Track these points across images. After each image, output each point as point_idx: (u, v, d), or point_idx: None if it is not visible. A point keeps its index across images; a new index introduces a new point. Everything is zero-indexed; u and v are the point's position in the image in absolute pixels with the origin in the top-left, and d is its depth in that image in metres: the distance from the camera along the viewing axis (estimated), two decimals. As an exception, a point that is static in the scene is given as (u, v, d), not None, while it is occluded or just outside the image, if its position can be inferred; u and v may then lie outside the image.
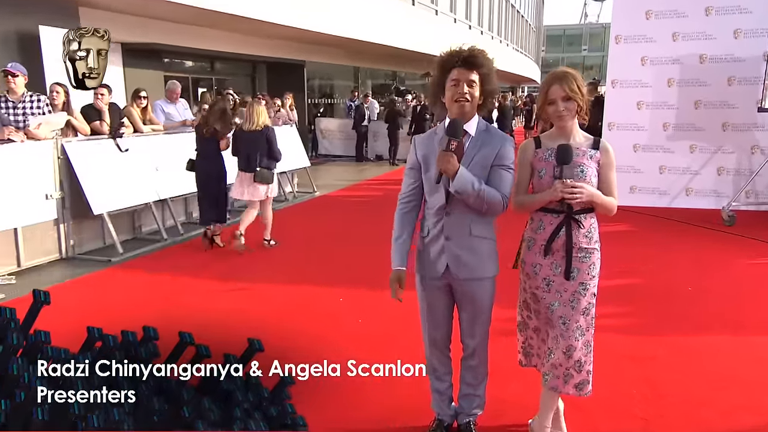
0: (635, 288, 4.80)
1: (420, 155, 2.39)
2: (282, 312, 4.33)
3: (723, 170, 7.34)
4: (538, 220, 2.48)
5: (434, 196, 2.37)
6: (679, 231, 6.77)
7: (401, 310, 4.12)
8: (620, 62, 7.54)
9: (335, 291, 4.74)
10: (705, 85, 7.23)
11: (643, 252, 5.91)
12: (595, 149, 2.45)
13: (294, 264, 5.59)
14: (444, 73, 2.32)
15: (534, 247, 2.49)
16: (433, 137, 2.40)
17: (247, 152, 5.90)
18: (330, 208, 8.31)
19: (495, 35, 28.88)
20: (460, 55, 2.28)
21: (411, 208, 2.43)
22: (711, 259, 5.61)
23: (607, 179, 2.46)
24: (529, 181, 2.54)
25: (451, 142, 2.21)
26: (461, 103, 2.28)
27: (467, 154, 2.31)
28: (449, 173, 2.23)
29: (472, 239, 2.35)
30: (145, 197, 6.49)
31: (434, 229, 2.38)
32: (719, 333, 3.85)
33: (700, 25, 7.16)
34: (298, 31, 11.62)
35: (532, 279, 2.50)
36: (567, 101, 2.38)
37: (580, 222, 2.41)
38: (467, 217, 2.33)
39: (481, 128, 2.37)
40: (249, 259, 5.78)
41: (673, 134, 7.45)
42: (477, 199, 2.25)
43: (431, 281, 2.43)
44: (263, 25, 10.60)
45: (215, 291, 4.80)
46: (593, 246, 2.46)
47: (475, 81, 2.28)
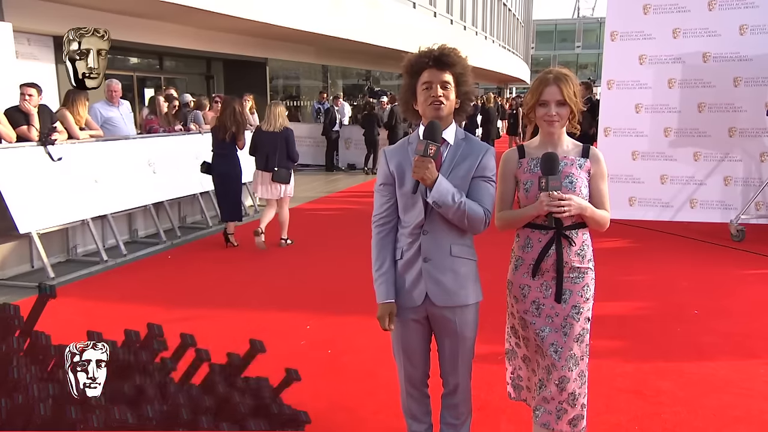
0: (634, 311, 4.86)
1: (393, 167, 2.38)
2: (239, 344, 4.27)
3: (730, 180, 7.49)
4: (525, 237, 2.50)
5: (410, 213, 2.35)
6: (683, 247, 6.90)
7: (375, 339, 4.12)
8: (616, 61, 7.68)
9: (302, 317, 4.72)
10: (709, 86, 7.39)
11: (643, 271, 6.00)
12: (584, 157, 2.49)
13: (255, 286, 5.56)
14: (414, 77, 2.33)
15: (521, 267, 2.51)
16: (405, 147, 2.40)
17: (266, 152, 6.76)
18: (297, 223, 8.27)
19: (480, 31, 29.34)
20: (430, 55, 2.29)
21: (389, 230, 2.41)
22: (719, 279, 5.72)
23: (598, 190, 2.49)
24: (514, 194, 2.56)
25: (429, 147, 2.20)
26: (436, 105, 2.29)
27: (445, 165, 2.32)
28: (427, 182, 2.21)
29: (454, 260, 2.34)
30: (82, 213, 6.39)
31: (410, 251, 2.36)
32: (729, 361, 3.91)
33: (702, 21, 7.34)
34: (259, 24, 11.65)
35: (520, 302, 2.51)
36: (561, 106, 2.41)
37: (570, 239, 2.43)
38: (447, 235, 2.33)
39: (459, 136, 2.38)
40: (204, 282, 5.73)
41: (675, 140, 7.60)
42: (458, 212, 2.24)
43: (407, 312, 2.39)
44: (219, 17, 10.60)
45: (163, 321, 4.71)
46: (586, 265, 2.48)
47: (449, 82, 2.29)
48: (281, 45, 15.17)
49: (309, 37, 14.04)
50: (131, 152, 7.18)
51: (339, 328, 4.52)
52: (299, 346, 4.20)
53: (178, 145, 8.00)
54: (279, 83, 18.23)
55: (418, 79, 2.32)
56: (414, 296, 2.36)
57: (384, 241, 2.40)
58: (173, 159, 7.79)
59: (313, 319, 4.70)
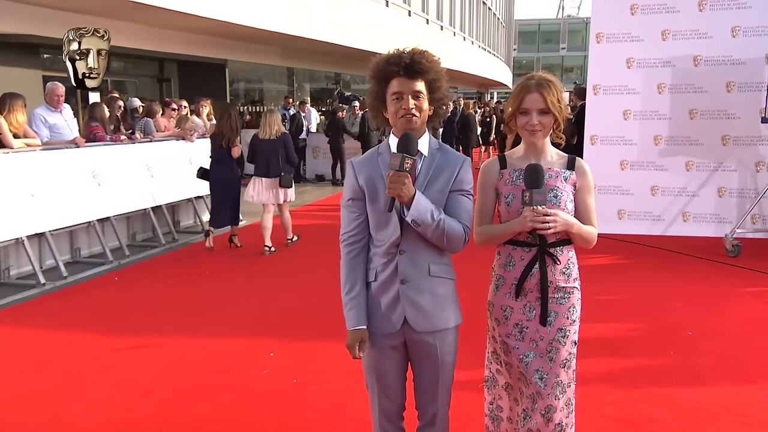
0: (624, 333, 4.92)
1: (362, 181, 2.37)
2: (195, 376, 4.22)
3: (725, 191, 7.68)
4: (507, 255, 2.53)
5: (384, 231, 2.35)
6: (676, 264, 7.02)
7: (346, 367, 4.10)
8: (602, 64, 7.84)
9: (265, 342, 4.69)
10: (701, 92, 7.59)
11: (632, 289, 6.09)
12: (569, 169, 2.53)
13: (212, 308, 5.50)
14: (382, 83, 2.34)
15: (503, 287, 2.53)
16: (375, 158, 2.40)
17: (266, 158, 7.57)
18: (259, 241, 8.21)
19: (458, 31, 29.71)
20: (399, 63, 2.28)
21: (359, 249, 2.40)
22: (714, 297, 5.82)
23: (584, 205, 2.53)
24: (494, 208, 2.59)
25: (405, 160, 2.19)
26: (408, 118, 2.29)
27: (420, 178, 2.32)
28: (404, 199, 2.20)
29: (432, 281, 2.35)
30: (16, 231, 6.27)
31: (384, 273, 2.36)
32: (726, 386, 3.98)
33: (693, 22, 7.55)
34: (217, 23, 11.62)
35: (502, 325, 2.53)
36: (543, 115, 2.45)
37: (555, 257, 2.47)
38: (425, 254, 2.33)
39: (433, 146, 2.39)
40: (156, 305, 5.65)
41: (665, 149, 7.78)
42: (437, 231, 2.25)
43: (382, 339, 2.39)
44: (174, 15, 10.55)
45: (105, 351, 4.65)
46: (572, 284, 2.52)
47: (421, 91, 2.30)
48: (242, 45, 15.14)
49: (272, 37, 14.03)
50: (73, 163, 7.08)
51: (306, 354, 4.50)
52: (261, 376, 4.16)
53: (125, 155, 7.92)
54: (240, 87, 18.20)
55: (386, 87, 2.32)
56: (392, 321, 2.35)
57: (354, 261, 2.39)
58: (120, 170, 7.72)
59: (277, 345, 4.66)
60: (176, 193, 8.75)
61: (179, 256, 7.76)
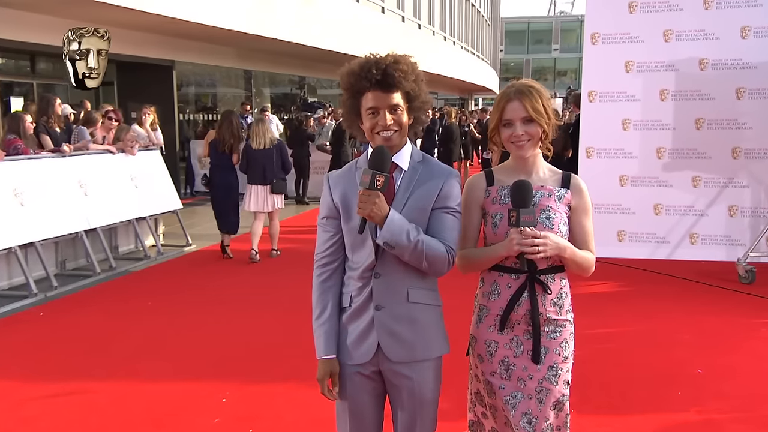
0: (624, 371, 4.94)
1: (338, 198, 2.42)
2: (133, 428, 4.16)
3: (736, 210, 7.80)
4: (491, 282, 2.55)
5: (358, 253, 2.40)
6: (683, 291, 7.10)
7: (310, 412, 4.08)
8: (598, 68, 7.95)
9: (217, 386, 4.65)
10: (708, 99, 7.72)
11: (634, 321, 6.14)
12: (564, 188, 2.56)
13: (152, 349, 5.44)
14: (356, 97, 2.39)
15: (486, 319, 2.55)
16: (352, 172, 2.44)
17: (262, 166, 8.64)
18: (211, 269, 8.16)
19: (438, 30, 30.02)
20: (371, 77, 2.33)
21: (332, 271, 2.45)
22: (726, 330, 5.89)
23: (581, 227, 2.57)
24: (480, 229, 2.62)
25: (376, 178, 2.24)
26: (386, 135, 2.35)
27: (399, 195, 2.37)
28: (376, 219, 2.25)
29: (412, 307, 2.39)
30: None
31: (359, 298, 2.40)
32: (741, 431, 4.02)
33: (698, 21, 7.70)
34: (164, 19, 11.60)
35: (486, 362, 2.54)
36: (528, 124, 2.49)
37: (546, 285, 2.49)
38: (404, 278, 2.37)
39: (416, 159, 2.44)
40: (91, 342, 5.58)
41: (669, 162, 7.88)
42: (414, 253, 2.29)
43: (354, 370, 2.43)
44: (112, 9, 10.51)
45: (25, 400, 4.56)
46: (564, 317, 2.54)
47: (399, 104, 2.35)
48: (193, 45, 15.11)
49: (228, 36, 14.04)
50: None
51: (263, 399, 4.46)
52: (212, 425, 4.12)
53: (53, 170, 7.85)
54: (190, 91, 18.12)
55: (360, 100, 2.37)
56: (364, 350, 2.39)
57: (326, 284, 2.45)
58: (47, 188, 7.66)
59: (230, 388, 4.62)
60: (114, 215, 8.63)
61: (117, 286, 7.66)
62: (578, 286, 2.68)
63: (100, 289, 7.45)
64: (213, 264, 8.63)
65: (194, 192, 15.11)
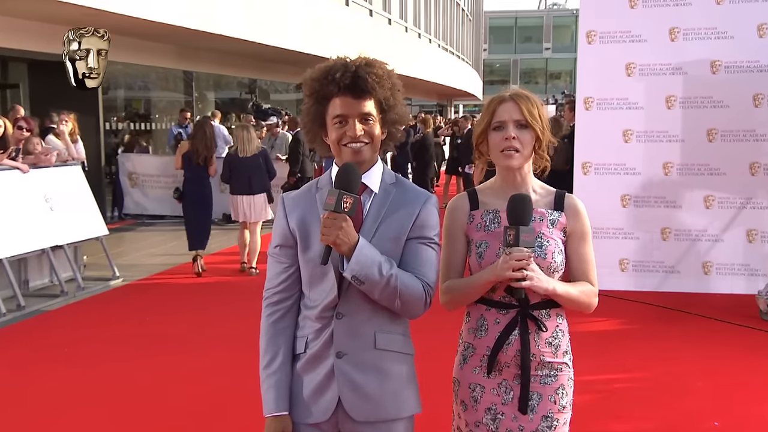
0: (629, 424, 4.94)
1: (294, 223, 2.42)
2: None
3: (755, 235, 7.86)
4: (478, 317, 2.54)
5: (317, 288, 2.39)
6: (696, 329, 7.13)
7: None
8: (595, 71, 8.03)
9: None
10: (721, 106, 7.80)
11: (640, 365, 6.14)
12: (558, 210, 2.56)
13: (72, 411, 5.29)
14: (321, 103, 2.38)
15: (472, 359, 2.55)
16: (313, 194, 2.45)
17: (248, 174, 9.59)
18: (142, 305, 8.05)
19: (411, 26, 30.33)
20: (339, 80, 2.33)
21: (286, 310, 2.45)
22: (745, 374, 5.90)
23: (578, 255, 2.57)
24: (465, 258, 2.61)
25: (343, 199, 2.23)
26: (355, 148, 2.34)
27: (368, 221, 2.37)
28: (342, 248, 2.24)
29: (379, 355, 2.38)
30: None
31: (316, 342, 2.39)
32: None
33: (709, 18, 7.80)
34: (85, 11, 11.51)
35: (470, 411, 2.54)
36: (522, 129, 2.49)
37: (541, 322, 2.48)
38: (371, 319, 2.36)
39: (387, 181, 2.44)
40: None
41: (678, 180, 7.95)
42: (387, 290, 2.28)
43: (310, 430, 2.41)
44: (19, 1, 10.41)
45: None
46: (561, 359, 2.54)
47: (371, 114, 2.36)
48: (122, 41, 14.93)
49: (165, 32, 13.98)
50: None
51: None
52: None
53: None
54: (117, 96, 17.99)
55: (326, 107, 2.37)
56: (320, 406, 2.38)
57: (278, 326, 2.44)
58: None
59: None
60: (24, 243, 8.47)
61: (26, 329, 7.50)
62: (575, 323, 2.67)
63: (4, 334, 7.27)
64: (145, 299, 8.52)
65: (123, 215, 14.92)
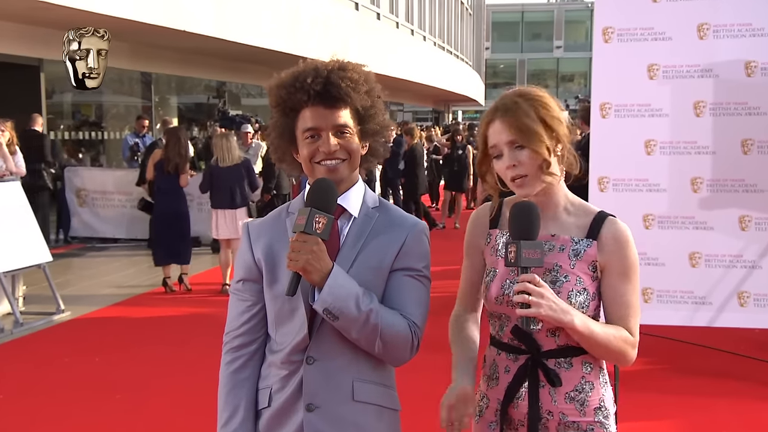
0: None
1: (261, 253, 2.40)
2: None
3: (797, 260, 7.89)
4: (491, 362, 2.53)
5: (285, 327, 2.37)
6: (729, 370, 7.14)
7: None
8: (613, 74, 7.95)
9: None
10: (757, 113, 7.75)
11: (666, 411, 6.14)
12: (590, 238, 2.44)
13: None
14: (289, 115, 2.37)
15: (487, 413, 2.53)
16: (282, 220, 2.44)
17: (228, 187, 10.09)
18: (92, 343, 8.02)
19: (403, 22, 30.41)
20: (308, 86, 2.31)
21: (249, 357, 2.43)
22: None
23: (615, 297, 2.44)
24: (481, 283, 2.56)
25: (315, 218, 2.20)
26: (330, 166, 2.32)
27: (346, 249, 2.36)
28: (313, 275, 2.19)
29: (358, 409, 2.35)
30: None
31: (282, 394, 2.37)
32: None
33: (742, 12, 7.75)
34: (30, 4, 11.57)
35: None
36: (519, 150, 2.38)
37: (554, 373, 2.41)
38: (349, 365, 2.34)
39: (369, 203, 2.43)
40: None
41: (709, 197, 7.88)
42: (365, 328, 2.25)
43: None
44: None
45: None
46: (590, 418, 2.46)
47: (346, 125, 2.34)
48: (69, 38, 15.06)
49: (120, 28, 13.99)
50: None
51: None
52: None
53: None
54: (64, 100, 17.97)
55: (295, 120, 2.35)
56: None
57: (238, 376, 2.42)
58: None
59: None
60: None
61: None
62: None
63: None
64: (95, 337, 8.47)
65: (69, 238, 14.84)
